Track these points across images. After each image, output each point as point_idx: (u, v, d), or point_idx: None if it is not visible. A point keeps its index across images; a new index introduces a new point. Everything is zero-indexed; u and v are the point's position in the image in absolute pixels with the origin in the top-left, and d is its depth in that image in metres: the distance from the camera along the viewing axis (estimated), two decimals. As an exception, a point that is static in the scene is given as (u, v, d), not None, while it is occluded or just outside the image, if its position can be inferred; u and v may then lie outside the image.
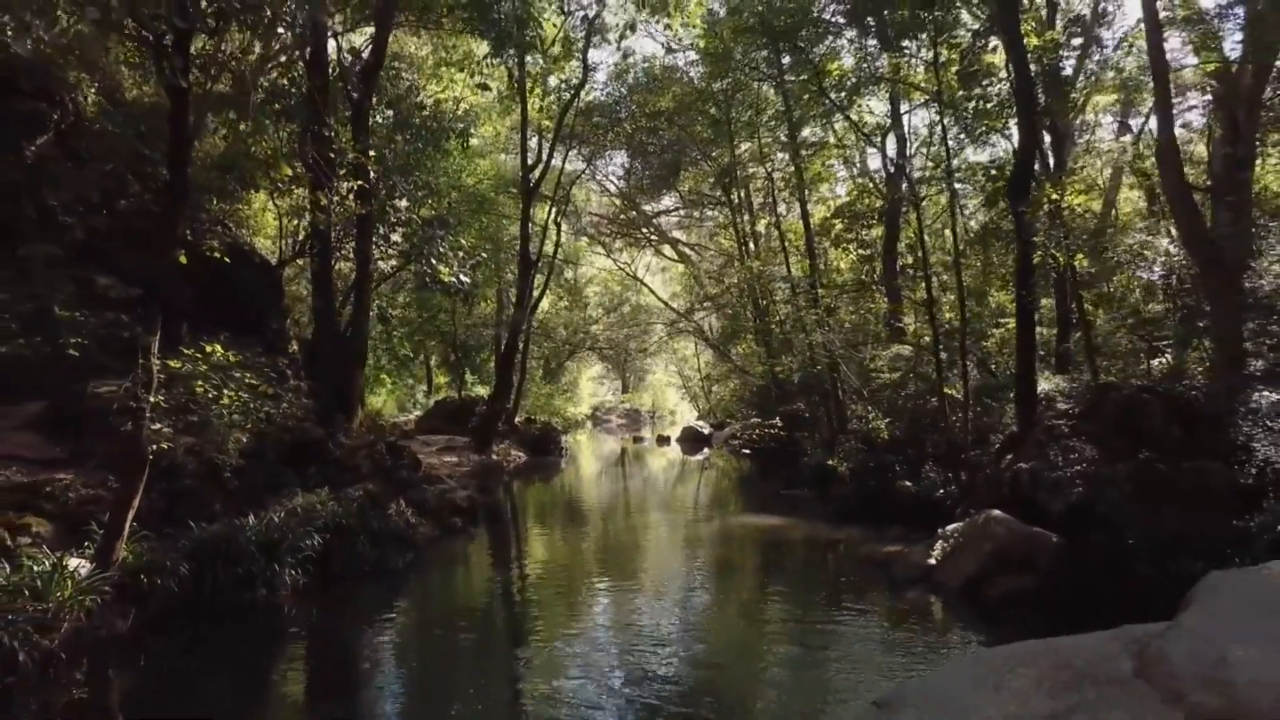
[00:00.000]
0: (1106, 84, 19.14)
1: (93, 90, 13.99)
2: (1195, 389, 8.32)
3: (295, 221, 16.42)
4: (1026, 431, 10.40)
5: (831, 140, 20.10)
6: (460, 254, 13.53)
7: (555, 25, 19.18)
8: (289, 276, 17.03)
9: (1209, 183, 16.57)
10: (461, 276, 12.99)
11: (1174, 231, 13.20)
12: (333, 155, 8.58)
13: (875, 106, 20.96)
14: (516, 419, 23.54)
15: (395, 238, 13.55)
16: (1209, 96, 17.30)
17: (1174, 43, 19.84)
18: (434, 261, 12.44)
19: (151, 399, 6.09)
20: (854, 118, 20.38)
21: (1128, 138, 18.66)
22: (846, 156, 18.87)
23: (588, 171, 25.80)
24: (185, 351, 7.17)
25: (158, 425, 6.60)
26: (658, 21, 18.46)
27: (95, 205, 7.84)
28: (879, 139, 17.83)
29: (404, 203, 12.65)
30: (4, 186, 8.40)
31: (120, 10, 4.99)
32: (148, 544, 7.15)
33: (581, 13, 19.86)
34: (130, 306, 6.55)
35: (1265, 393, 8.13)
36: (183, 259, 6.57)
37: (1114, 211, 21.90)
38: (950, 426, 11.49)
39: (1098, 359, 10.89)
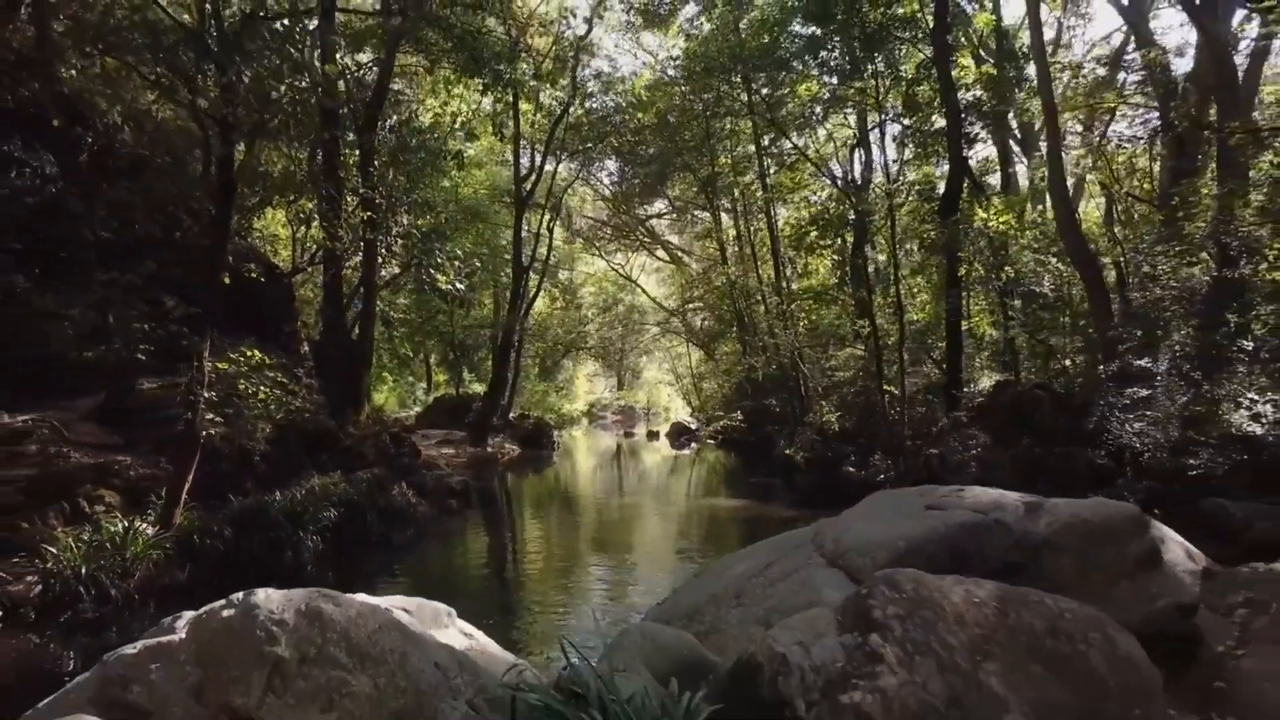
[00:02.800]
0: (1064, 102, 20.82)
1: (121, 115, 15.82)
2: (1077, 386, 10.02)
3: (303, 230, 18.19)
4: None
5: (808, 152, 21.90)
6: (457, 263, 15.28)
7: (545, 48, 20.99)
8: (296, 282, 18.82)
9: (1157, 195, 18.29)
10: (458, 284, 14.73)
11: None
12: (343, 191, 10.32)
13: (849, 120, 22.73)
14: (511, 415, 25.29)
15: (396, 248, 15.26)
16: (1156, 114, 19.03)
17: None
18: (433, 271, 14.17)
19: (205, 394, 7.84)
20: (826, 130, 22.15)
21: (1078, 152, 20.27)
22: (820, 169, 20.53)
23: (581, 177, 27.53)
24: (231, 356, 8.92)
25: (210, 415, 8.34)
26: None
27: (162, 240, 9.60)
28: (844, 155, 19.52)
29: (405, 218, 14.33)
30: (69, 216, 10.18)
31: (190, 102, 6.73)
32: (197, 513, 8.92)
33: (570, 32, 21.68)
34: (187, 320, 8.28)
35: (1137, 389, 9.83)
36: (226, 279, 8.31)
37: (1078, 216, 23.54)
38: (890, 419, 13.19)
39: (1020, 359, 12.58)
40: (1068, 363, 11.98)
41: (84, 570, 7.24)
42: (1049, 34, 25.98)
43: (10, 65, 12.70)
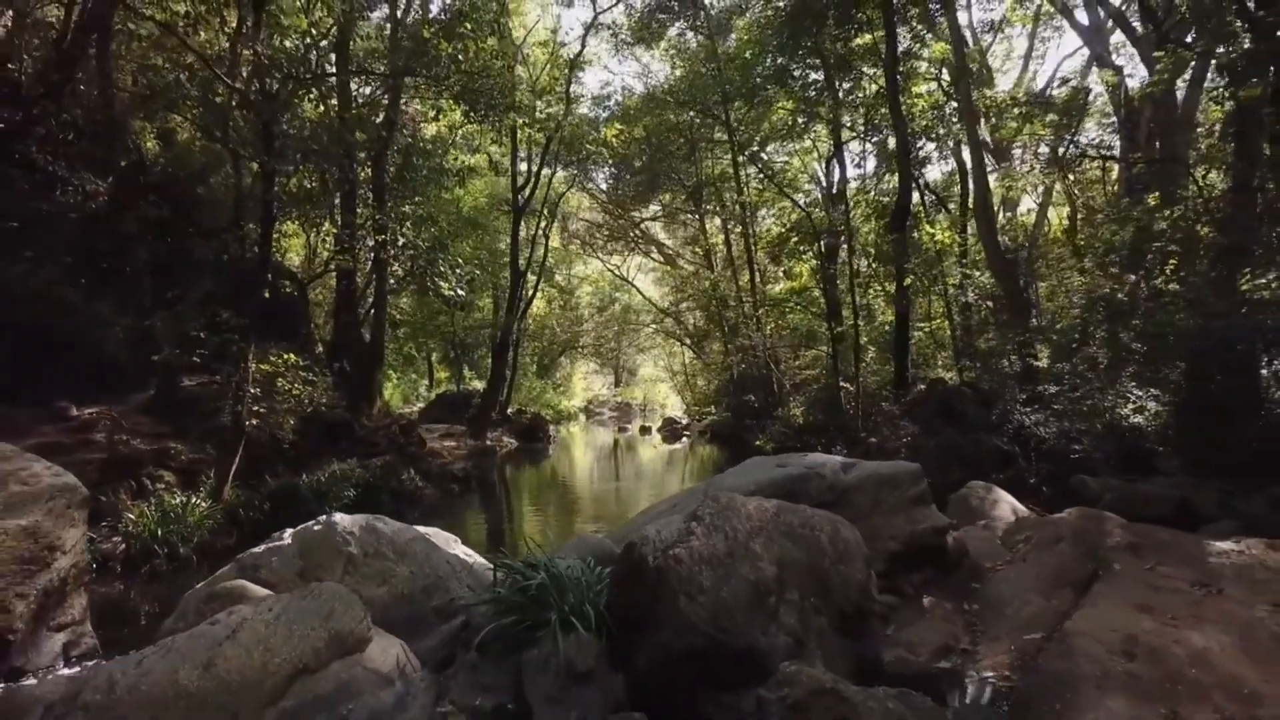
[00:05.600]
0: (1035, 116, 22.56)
1: (152, 135, 17.70)
2: (992, 383, 11.82)
3: (315, 236, 20.08)
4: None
5: (789, 160, 23.77)
6: (458, 271, 17.13)
7: (542, 60, 22.83)
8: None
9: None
10: (459, 290, 16.57)
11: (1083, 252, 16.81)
12: (358, 217, 12.18)
13: (828, 130, 24.56)
14: (509, 410, 27.18)
15: (402, 258, 17.12)
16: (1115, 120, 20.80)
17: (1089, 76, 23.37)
18: (437, 279, 16.02)
19: (252, 390, 9.70)
20: (810, 138, 23.93)
21: (1038, 166, 21.98)
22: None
23: (576, 184, 29.36)
24: (272, 358, 10.79)
25: (257, 407, 10.21)
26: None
27: (212, 261, 11.51)
28: (821, 165, 21.31)
29: (409, 230, 16.18)
30: (122, 239, 12.09)
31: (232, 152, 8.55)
32: (240, 490, 10.80)
33: (565, 48, 23.51)
34: (237, 328, 10.15)
35: (1046, 386, 11.62)
36: (266, 294, 10.14)
37: (1046, 224, 25.30)
38: (848, 413, 15.00)
39: (961, 358, 14.37)
40: (1005, 362, 13.75)
41: (159, 533, 9.11)
42: (1023, 45, 27.89)
43: (54, 89, 14.53)
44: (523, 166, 24.01)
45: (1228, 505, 7.95)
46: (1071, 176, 21.40)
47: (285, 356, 10.64)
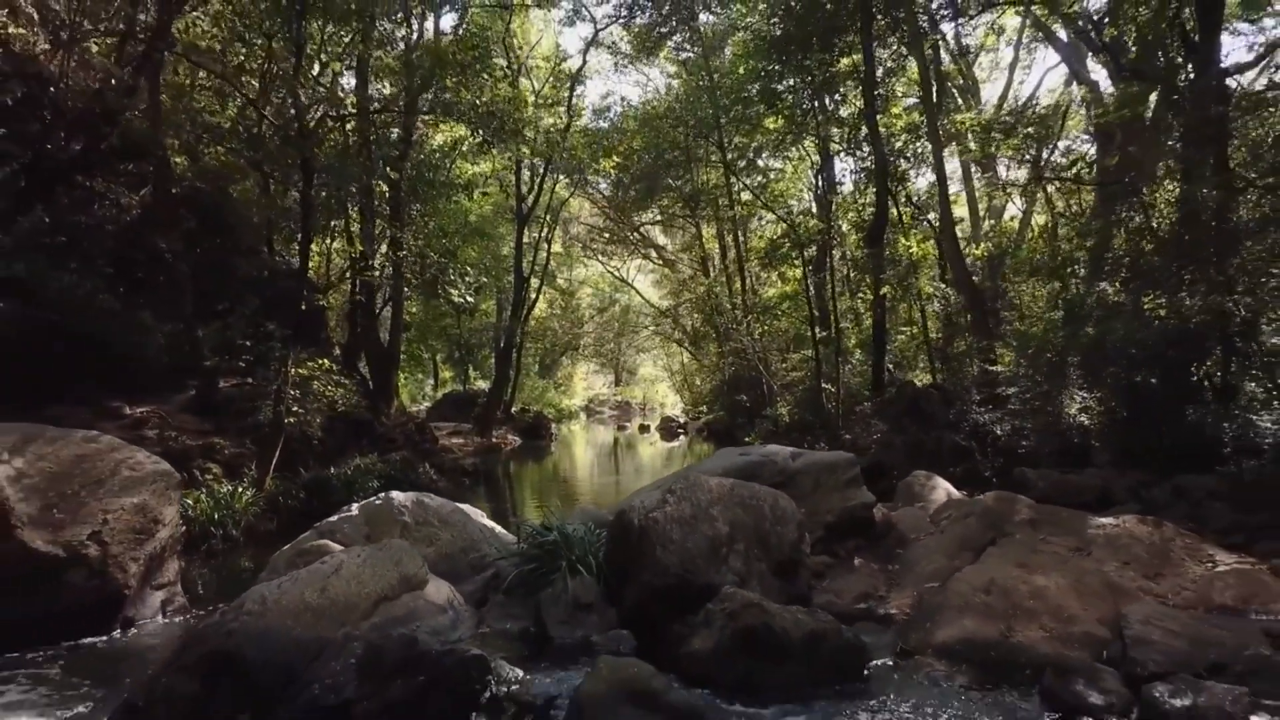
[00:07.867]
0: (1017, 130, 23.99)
1: (180, 151, 19.17)
2: (957, 385, 13.27)
3: (330, 243, 21.60)
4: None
5: (783, 170, 25.26)
6: (466, 279, 18.63)
7: (545, 72, 24.27)
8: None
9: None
10: (468, 298, 18.06)
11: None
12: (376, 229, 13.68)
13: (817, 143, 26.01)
14: (513, 409, 28.71)
15: (415, 268, 18.62)
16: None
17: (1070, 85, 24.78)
18: (446, 287, 17.51)
19: (292, 392, 11.20)
20: (802, 149, 25.34)
21: (1019, 177, 23.46)
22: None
23: (578, 188, 30.86)
24: (309, 364, 12.30)
25: (295, 407, 11.72)
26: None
27: (258, 278, 13.02)
28: (811, 177, 22.78)
29: (420, 242, 17.69)
30: (157, 251, 13.61)
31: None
32: (278, 481, 12.28)
33: (566, 63, 24.98)
34: (280, 338, 11.66)
35: (1004, 388, 13.08)
36: (303, 306, 11.63)
37: (1030, 230, 26.73)
38: (830, 412, 16.44)
39: (936, 361, 15.84)
40: (972, 366, 15.21)
41: (215, 517, 10.60)
42: (1009, 54, 29.30)
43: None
44: (526, 174, 25.52)
45: (1138, 493, 9.39)
46: (1051, 188, 22.83)
47: (320, 362, 12.11)
